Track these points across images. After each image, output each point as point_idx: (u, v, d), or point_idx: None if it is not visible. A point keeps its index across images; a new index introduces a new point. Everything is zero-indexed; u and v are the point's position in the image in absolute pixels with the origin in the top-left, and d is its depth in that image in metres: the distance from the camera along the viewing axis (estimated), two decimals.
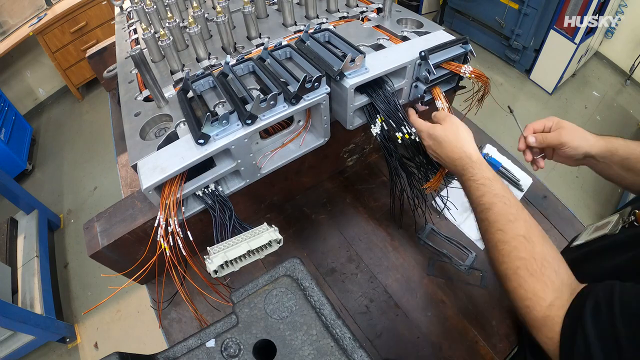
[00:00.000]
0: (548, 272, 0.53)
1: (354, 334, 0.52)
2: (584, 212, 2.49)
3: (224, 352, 0.51)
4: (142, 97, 0.87)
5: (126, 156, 1.29)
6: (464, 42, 0.85)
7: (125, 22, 1.22)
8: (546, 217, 1.14)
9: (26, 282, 2.10)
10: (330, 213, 1.17)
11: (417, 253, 1.07)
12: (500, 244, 0.59)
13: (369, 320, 0.96)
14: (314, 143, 0.88)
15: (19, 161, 2.96)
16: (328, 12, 1.08)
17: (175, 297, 0.97)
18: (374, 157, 1.30)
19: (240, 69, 0.84)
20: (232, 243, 0.66)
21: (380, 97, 0.82)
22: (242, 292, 0.56)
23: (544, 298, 0.52)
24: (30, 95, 3.71)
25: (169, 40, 0.86)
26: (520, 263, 0.56)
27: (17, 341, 1.91)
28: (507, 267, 0.57)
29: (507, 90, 3.38)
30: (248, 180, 0.81)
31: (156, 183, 0.66)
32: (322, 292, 0.55)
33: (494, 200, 0.64)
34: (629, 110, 3.13)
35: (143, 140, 0.75)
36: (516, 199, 0.64)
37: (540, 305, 0.52)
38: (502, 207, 0.62)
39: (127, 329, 2.15)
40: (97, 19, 3.39)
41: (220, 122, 0.68)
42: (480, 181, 0.67)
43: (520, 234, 0.58)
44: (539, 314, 0.52)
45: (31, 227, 2.38)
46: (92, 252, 0.82)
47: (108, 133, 2.59)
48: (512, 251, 0.57)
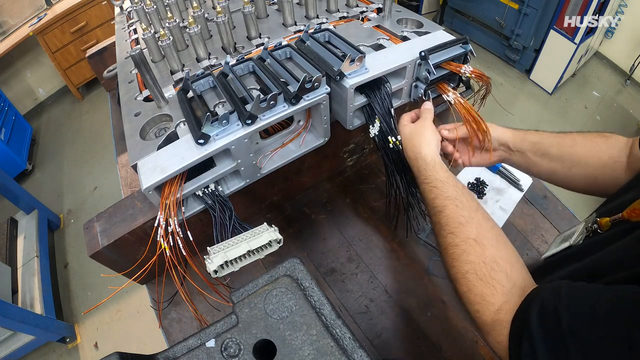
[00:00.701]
0: (498, 276, 0.52)
1: (354, 334, 0.52)
2: (584, 212, 2.47)
3: (224, 352, 0.51)
4: (142, 97, 0.87)
5: (126, 156, 1.29)
6: (464, 42, 0.85)
7: (125, 22, 1.22)
8: (546, 217, 1.14)
9: (26, 282, 2.10)
10: (330, 213, 1.17)
11: (417, 253, 1.07)
12: (450, 247, 0.59)
13: (369, 320, 0.96)
14: (314, 143, 0.88)
15: (19, 161, 2.96)
16: (328, 12, 1.08)
17: (175, 297, 0.97)
18: (374, 157, 1.30)
19: (240, 69, 0.84)
20: (232, 243, 0.66)
21: (379, 98, 0.82)
22: (242, 292, 0.56)
23: (493, 302, 0.51)
24: (30, 95, 3.71)
25: (169, 40, 0.86)
26: (469, 267, 0.55)
27: (17, 341, 1.91)
28: (457, 270, 0.57)
29: (507, 90, 3.38)
30: (248, 180, 0.81)
31: (156, 183, 0.66)
32: (322, 292, 0.55)
33: (445, 202, 0.63)
34: (629, 110, 3.13)
35: (143, 140, 0.75)
36: (472, 200, 0.63)
37: (488, 309, 0.51)
38: (453, 209, 0.62)
39: (127, 329, 2.15)
40: (97, 19, 3.40)
41: (220, 122, 0.68)
42: (433, 183, 0.67)
43: (470, 237, 0.57)
44: (487, 318, 0.51)
45: (31, 227, 2.38)
46: (92, 252, 0.82)
47: (108, 133, 2.60)
48: (461, 254, 0.57)
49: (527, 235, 1.11)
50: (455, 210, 0.61)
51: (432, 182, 0.67)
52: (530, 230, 1.12)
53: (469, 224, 0.59)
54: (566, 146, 0.71)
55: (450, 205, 0.62)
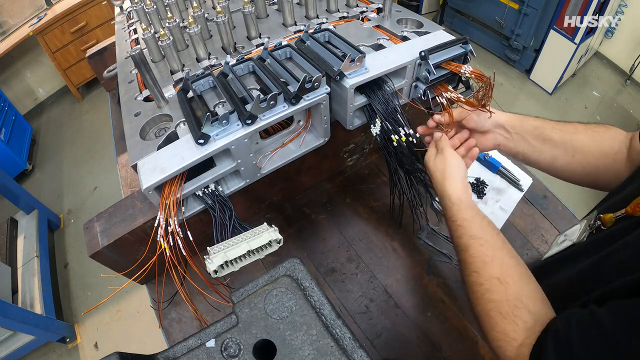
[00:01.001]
0: (520, 313, 0.53)
1: (354, 334, 0.52)
2: (584, 212, 2.47)
3: (224, 352, 0.51)
4: (142, 97, 0.87)
5: (126, 156, 1.29)
6: (464, 42, 0.85)
7: (125, 22, 1.22)
8: (546, 217, 1.14)
9: (26, 282, 2.10)
10: (330, 213, 1.17)
11: (417, 253, 1.07)
12: (475, 286, 0.60)
13: (369, 320, 0.96)
14: (314, 143, 0.88)
15: (19, 161, 2.96)
16: (328, 12, 1.08)
17: (175, 297, 0.97)
18: (374, 157, 1.30)
19: (240, 69, 0.84)
20: (232, 243, 0.66)
21: (379, 98, 0.82)
22: (242, 292, 0.56)
23: (516, 339, 0.52)
24: (30, 95, 3.71)
25: (169, 40, 0.86)
26: (492, 305, 0.56)
27: (17, 341, 1.91)
28: (481, 308, 0.58)
29: (507, 90, 3.38)
30: (248, 180, 0.81)
31: (156, 183, 0.66)
32: (322, 292, 0.55)
33: (469, 242, 0.63)
34: (629, 110, 3.13)
35: (143, 140, 0.75)
36: (497, 238, 0.64)
37: (511, 345, 0.52)
38: (477, 249, 0.62)
39: (127, 329, 2.15)
40: (97, 19, 3.40)
41: (220, 122, 0.68)
42: (458, 222, 0.67)
43: (494, 276, 0.58)
44: (510, 354, 0.52)
45: (31, 227, 2.38)
46: (92, 252, 0.82)
47: (108, 133, 2.59)
48: (485, 293, 0.58)
49: (527, 235, 1.11)
50: (479, 249, 0.62)
51: (457, 220, 0.67)
52: (530, 230, 1.12)
53: (493, 262, 0.60)
54: (568, 132, 0.71)
55: (475, 245, 0.63)
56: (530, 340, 0.51)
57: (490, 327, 0.56)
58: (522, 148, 0.76)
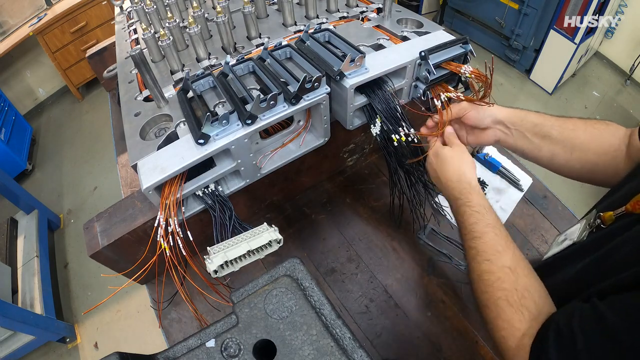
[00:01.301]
0: (527, 303, 0.54)
1: (354, 334, 0.52)
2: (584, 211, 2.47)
3: (224, 352, 0.51)
4: (142, 97, 0.87)
5: (126, 156, 1.29)
6: (464, 42, 0.85)
7: (125, 22, 1.22)
8: (546, 217, 1.14)
9: (26, 282, 2.10)
10: (330, 213, 1.17)
11: (417, 253, 1.07)
12: (485, 274, 0.60)
13: (369, 320, 0.96)
14: (314, 143, 0.88)
15: (19, 161, 2.96)
16: (328, 12, 1.08)
17: (175, 297, 0.97)
18: (374, 157, 1.30)
19: (240, 69, 0.84)
20: (232, 243, 0.66)
21: (379, 97, 0.82)
22: (242, 292, 0.56)
23: (520, 328, 0.52)
24: (30, 95, 3.71)
25: (169, 40, 0.86)
26: (501, 294, 0.56)
27: (17, 341, 1.91)
28: (489, 297, 0.58)
29: (507, 90, 3.38)
30: (248, 180, 0.81)
31: (156, 183, 0.66)
32: (322, 292, 0.55)
33: (486, 229, 0.63)
34: (629, 110, 3.13)
35: (143, 140, 0.75)
36: (506, 232, 0.64)
37: (514, 335, 0.52)
38: (493, 237, 0.62)
39: (127, 329, 2.15)
40: (97, 19, 3.40)
41: (220, 122, 0.68)
42: (476, 208, 0.67)
43: (506, 265, 0.58)
44: (512, 343, 0.52)
45: (31, 227, 2.38)
46: (92, 252, 0.82)
47: (108, 133, 2.59)
48: (495, 281, 0.58)
49: (527, 235, 1.11)
50: (495, 238, 0.62)
51: (474, 206, 0.67)
52: (530, 230, 1.12)
53: (506, 252, 0.60)
54: (567, 129, 0.71)
55: (491, 233, 0.63)
56: (533, 330, 0.51)
57: (496, 315, 0.56)
58: (521, 144, 0.76)
